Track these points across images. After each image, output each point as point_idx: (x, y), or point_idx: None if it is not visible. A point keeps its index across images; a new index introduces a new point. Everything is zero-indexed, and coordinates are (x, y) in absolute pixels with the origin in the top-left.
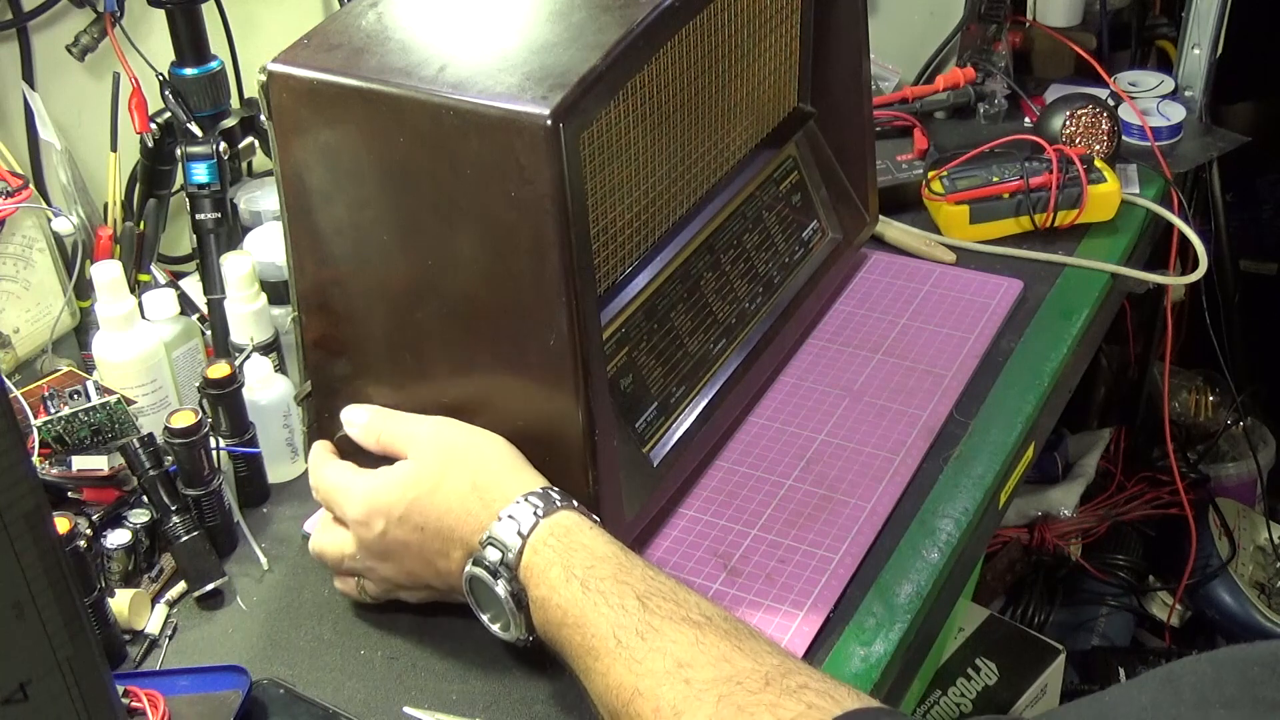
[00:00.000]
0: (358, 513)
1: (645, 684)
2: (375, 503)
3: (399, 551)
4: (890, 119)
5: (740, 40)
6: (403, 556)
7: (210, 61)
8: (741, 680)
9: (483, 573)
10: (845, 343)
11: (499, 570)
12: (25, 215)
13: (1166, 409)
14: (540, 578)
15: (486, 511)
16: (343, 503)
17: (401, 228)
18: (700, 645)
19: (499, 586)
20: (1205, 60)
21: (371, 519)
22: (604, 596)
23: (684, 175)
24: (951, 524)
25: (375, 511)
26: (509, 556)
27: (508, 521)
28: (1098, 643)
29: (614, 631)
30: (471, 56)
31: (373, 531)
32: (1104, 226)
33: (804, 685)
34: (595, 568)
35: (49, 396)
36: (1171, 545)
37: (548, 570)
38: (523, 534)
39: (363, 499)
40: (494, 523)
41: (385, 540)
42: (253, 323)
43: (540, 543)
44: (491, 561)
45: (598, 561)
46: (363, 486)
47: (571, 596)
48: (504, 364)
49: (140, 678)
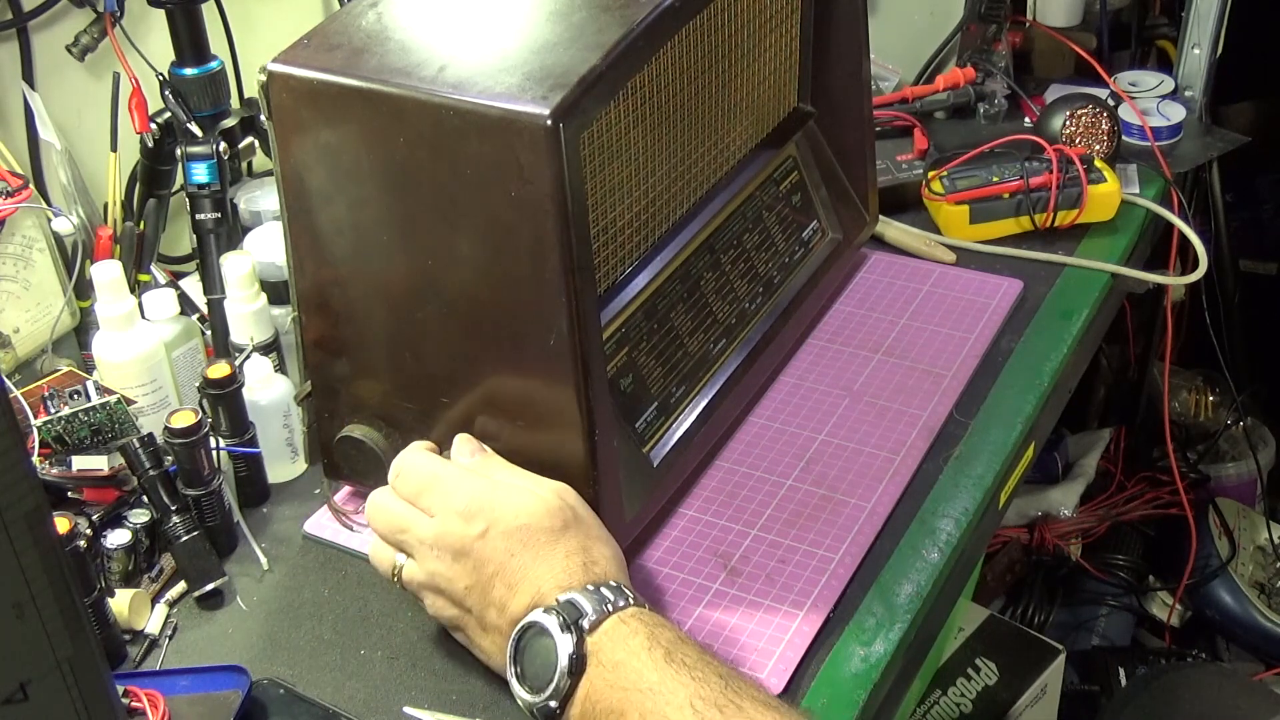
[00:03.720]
0: (462, 504)
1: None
2: (488, 503)
3: (478, 561)
4: (890, 119)
5: (740, 40)
6: (478, 567)
7: (210, 61)
8: None
9: (551, 622)
10: (845, 343)
11: (570, 627)
12: (25, 215)
13: (1166, 409)
14: (621, 644)
15: (585, 576)
16: (448, 489)
17: (401, 228)
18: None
19: (564, 642)
20: (1205, 60)
21: (476, 515)
22: (687, 669)
23: (684, 175)
24: (951, 524)
25: (484, 511)
26: (586, 620)
27: (600, 593)
28: (1098, 643)
29: (691, 701)
30: (471, 56)
31: (469, 528)
32: (1104, 226)
33: None
34: (680, 645)
35: (49, 396)
36: (1171, 545)
37: (630, 639)
38: (608, 610)
39: (476, 494)
40: (586, 587)
41: (474, 543)
42: (253, 323)
43: (628, 615)
44: (566, 617)
45: (683, 641)
46: (478, 482)
47: (653, 663)
48: (504, 364)
49: (140, 678)
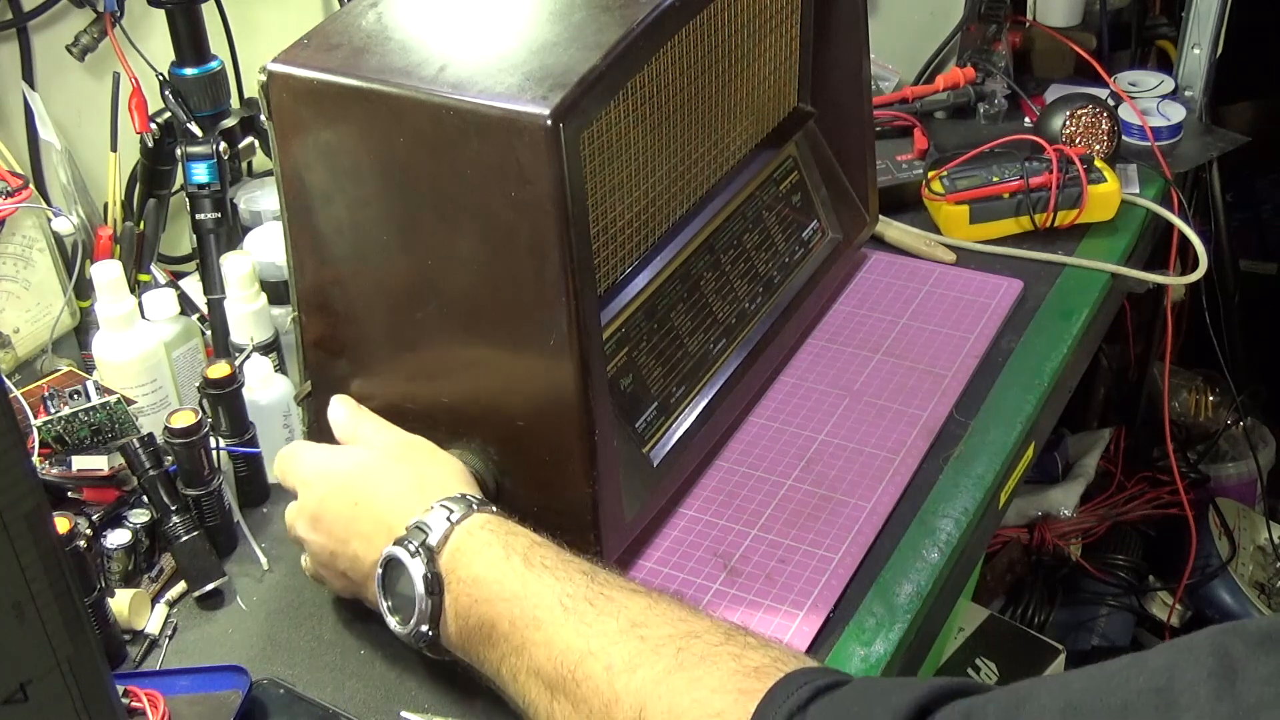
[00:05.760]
0: (305, 472)
1: (596, 644)
2: (324, 466)
3: (329, 521)
4: (890, 119)
5: (740, 40)
6: (330, 527)
7: (210, 61)
8: (700, 635)
9: (400, 551)
10: (845, 343)
11: (418, 551)
12: (25, 215)
13: (1166, 409)
14: (475, 556)
15: (422, 503)
16: (295, 464)
17: (401, 228)
18: (653, 609)
19: (414, 565)
20: (1205, 60)
21: (315, 480)
22: (548, 570)
23: (684, 175)
24: (951, 524)
25: (321, 475)
26: (431, 539)
27: (439, 510)
28: (1098, 643)
29: (560, 600)
30: (471, 56)
31: (313, 493)
32: (1104, 226)
33: (765, 644)
34: (536, 548)
35: (49, 396)
36: (1171, 545)
37: (484, 549)
38: (452, 520)
39: (314, 461)
40: (426, 511)
41: (320, 506)
42: (253, 323)
43: (476, 526)
44: (413, 543)
45: (537, 544)
46: (318, 451)
47: (512, 570)
48: (504, 364)
49: (140, 678)
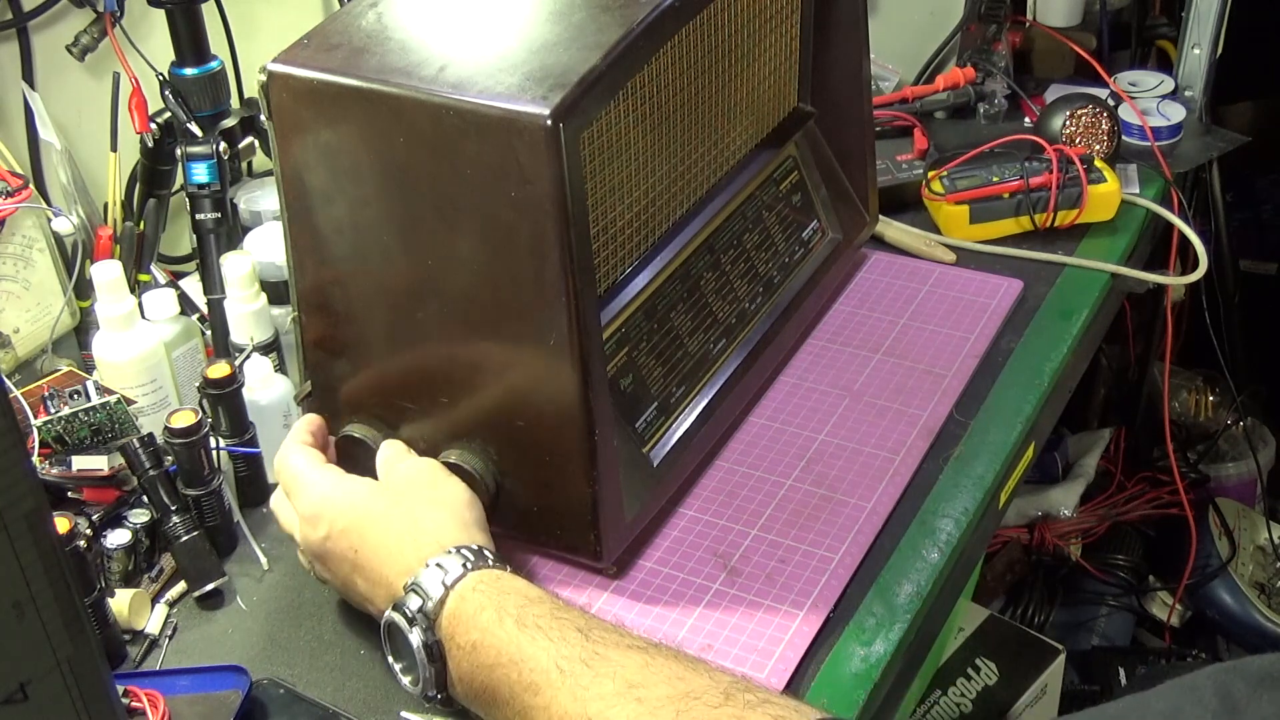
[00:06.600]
0: (307, 509)
1: (594, 708)
2: (325, 507)
3: (335, 561)
4: (890, 119)
5: (740, 40)
6: (338, 568)
7: (210, 61)
8: (699, 695)
9: (400, 619)
10: (845, 343)
11: (416, 618)
12: (25, 215)
13: (1166, 409)
14: (470, 623)
15: (416, 556)
16: (298, 493)
17: (401, 228)
18: (650, 667)
19: (414, 635)
20: (1205, 60)
21: (318, 520)
22: (542, 631)
23: (684, 175)
24: (951, 524)
25: (322, 515)
26: (429, 605)
27: (434, 570)
28: (1098, 643)
29: (556, 663)
30: (471, 56)
31: (316, 532)
32: (1104, 226)
33: (766, 699)
34: (529, 607)
35: (49, 396)
36: (1171, 545)
37: (478, 615)
38: (447, 584)
39: (316, 498)
40: (421, 570)
41: (325, 545)
42: (253, 323)
43: (469, 589)
44: (411, 609)
45: (531, 602)
46: (321, 485)
47: (507, 635)
48: (504, 364)
49: (140, 678)
